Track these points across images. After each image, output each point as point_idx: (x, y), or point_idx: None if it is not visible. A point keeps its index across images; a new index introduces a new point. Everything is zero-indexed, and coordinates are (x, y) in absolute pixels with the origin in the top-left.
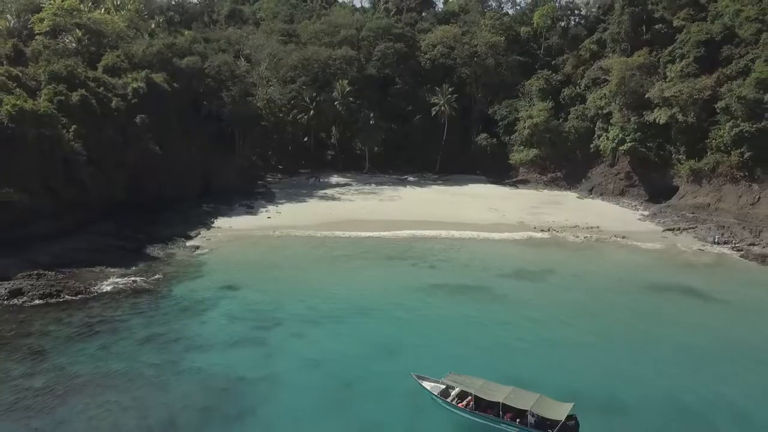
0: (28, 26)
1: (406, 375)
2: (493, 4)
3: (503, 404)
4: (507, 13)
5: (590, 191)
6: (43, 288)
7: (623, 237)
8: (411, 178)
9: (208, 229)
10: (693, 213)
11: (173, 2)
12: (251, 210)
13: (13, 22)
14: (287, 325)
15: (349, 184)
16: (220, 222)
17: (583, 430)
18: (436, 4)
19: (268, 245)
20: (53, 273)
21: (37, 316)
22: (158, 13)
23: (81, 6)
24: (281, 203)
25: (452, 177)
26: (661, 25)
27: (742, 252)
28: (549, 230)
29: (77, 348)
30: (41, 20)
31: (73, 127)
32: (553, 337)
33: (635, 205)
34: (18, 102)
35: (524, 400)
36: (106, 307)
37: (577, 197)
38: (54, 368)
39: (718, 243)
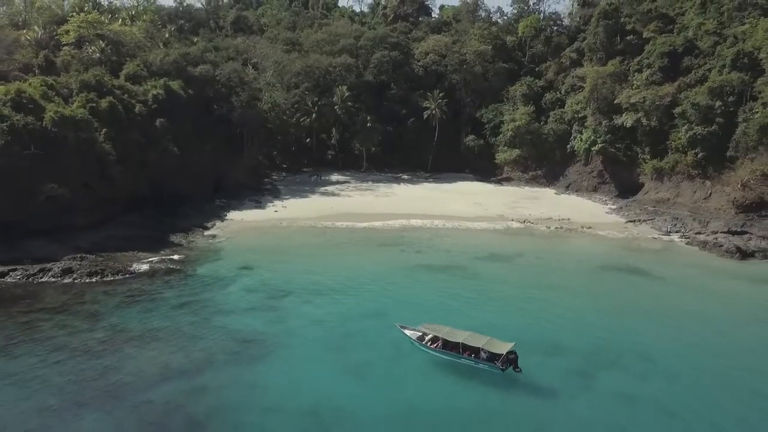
0: (55, 37)
1: (392, 327)
2: (483, 14)
3: (463, 344)
4: (495, 23)
5: (567, 188)
6: (88, 267)
7: (589, 228)
8: (404, 176)
9: (222, 221)
10: (654, 207)
11: (181, 8)
12: (260, 204)
13: (40, 33)
14: (295, 295)
15: (348, 182)
16: (233, 215)
17: (524, 363)
18: (432, 10)
19: (276, 234)
20: (93, 256)
21: (88, 290)
22: (169, 22)
23: (102, 18)
24: (286, 198)
25: (442, 175)
26: (632, 36)
27: (688, 239)
28: (524, 222)
29: (124, 312)
30: (67, 32)
31: (104, 130)
32: (510, 301)
33: (605, 200)
34: (59, 109)
35: (478, 341)
36: (143, 282)
37: (555, 193)
38: (109, 326)
39: (670, 232)
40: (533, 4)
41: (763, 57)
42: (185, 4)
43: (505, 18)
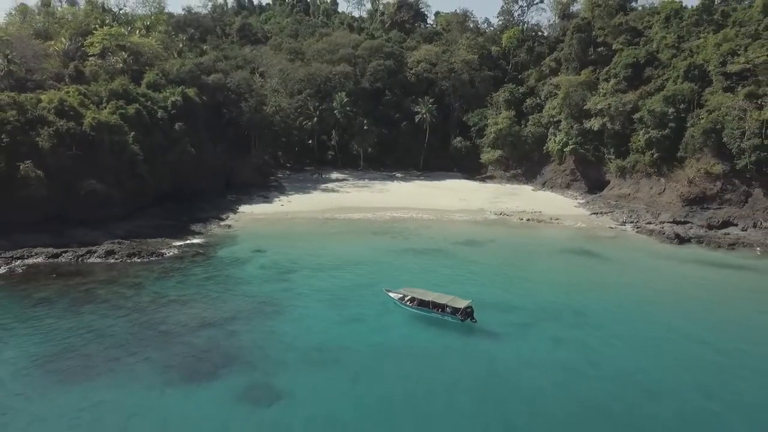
0: (81, 48)
1: (380, 292)
2: (472, 25)
3: (432, 302)
4: (482, 33)
5: (543, 185)
6: (127, 250)
7: (557, 219)
8: (398, 175)
9: (235, 213)
10: (616, 201)
11: (189, 16)
12: (267, 199)
13: (67, 44)
14: (301, 271)
15: (347, 179)
16: (243, 208)
17: (481, 317)
18: (427, 16)
19: (282, 225)
20: (129, 241)
21: (129, 267)
22: (179, 30)
23: (123, 31)
24: (291, 194)
25: (433, 173)
26: (602, 48)
27: (639, 228)
28: (501, 214)
29: (162, 283)
30: (92, 44)
31: (132, 133)
32: (477, 274)
33: (575, 195)
34: (96, 115)
35: (444, 299)
36: (174, 262)
37: (532, 189)
38: (152, 293)
39: (625, 223)
40: (517, 15)
41: (711, 69)
42: (193, 12)
43: (492, 29)
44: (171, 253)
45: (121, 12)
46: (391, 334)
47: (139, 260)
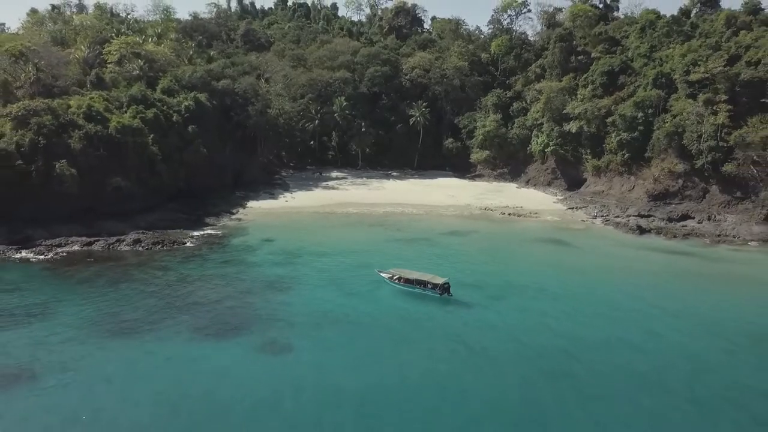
0: (100, 56)
1: (373, 273)
2: (464, 33)
3: (416, 279)
4: (473, 41)
5: (527, 182)
6: (152, 239)
7: (536, 213)
8: (394, 173)
9: (244, 208)
10: (591, 197)
11: (195, 22)
12: (273, 196)
13: (86, 52)
14: (305, 257)
15: (346, 178)
16: (251, 204)
17: (457, 293)
18: (424, 21)
19: (287, 218)
20: (151, 232)
21: (154, 254)
22: (187, 36)
23: (138, 39)
24: (294, 191)
25: (426, 172)
26: (582, 56)
27: (607, 221)
28: (485, 209)
29: (185, 266)
30: (110, 52)
31: (151, 135)
32: (457, 258)
33: (556, 192)
34: (120, 119)
35: (425, 277)
36: (193, 249)
37: (517, 187)
38: (178, 273)
39: (596, 216)
40: (506, 24)
41: (677, 77)
42: (199, 18)
43: (482, 37)
44: (190, 242)
45: (129, 17)
46: (381, 304)
47: (163, 248)
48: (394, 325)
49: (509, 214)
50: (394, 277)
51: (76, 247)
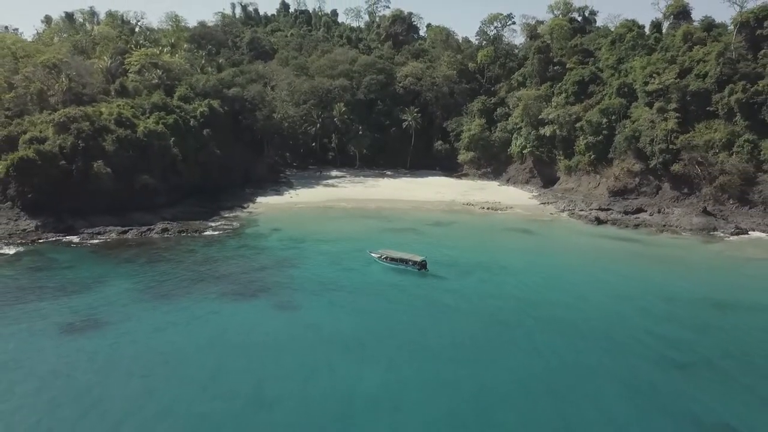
0: (121, 66)
1: (366, 254)
2: (453, 44)
3: (400, 258)
4: (462, 51)
5: (507, 181)
6: (177, 228)
7: (511, 208)
8: (388, 172)
9: (253, 203)
10: (562, 193)
11: (203, 30)
12: (278, 192)
13: (109, 62)
14: (308, 242)
15: (344, 176)
16: (260, 199)
17: (433, 269)
18: (419, 28)
19: (292, 211)
20: (176, 222)
21: (180, 240)
22: (194, 43)
23: (156, 51)
24: (298, 188)
25: (418, 172)
26: (558, 66)
27: (572, 214)
28: (467, 204)
29: (208, 249)
30: (131, 63)
31: (172, 139)
32: (436, 243)
33: (532, 189)
34: (146, 124)
35: (407, 256)
36: (213, 237)
37: (498, 185)
38: (202, 255)
39: (564, 210)
40: (492, 35)
41: (637, 87)
42: (206, 26)
43: (470, 48)
44: (209, 231)
45: (139, 23)
46: (371, 276)
47: (187, 235)
48: (381, 291)
49: (488, 209)
50: (382, 257)
51: (113, 235)
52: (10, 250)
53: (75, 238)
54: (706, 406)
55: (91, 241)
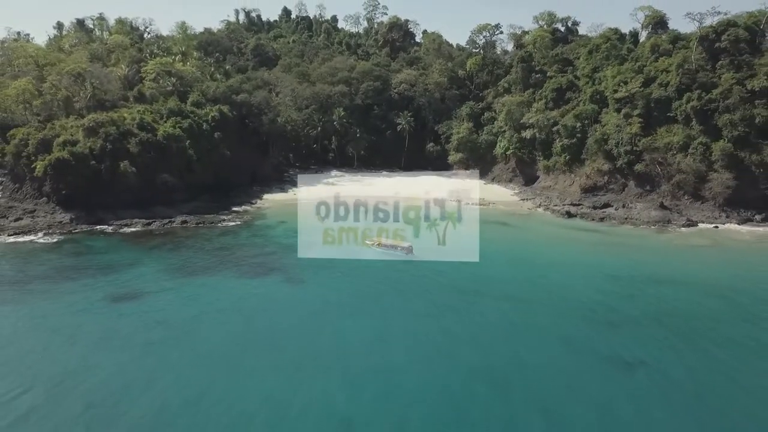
0: (138, 74)
1: (361, 241)
2: (445, 52)
3: (390, 244)
4: (453, 59)
5: (493, 180)
6: (195, 220)
7: (493, 203)
8: (384, 172)
9: (261, 199)
10: (541, 191)
11: (209, 37)
12: (283, 190)
13: (126, 70)
14: (310, 233)
15: (343, 176)
16: (267, 196)
17: (417, 253)
18: (415, 35)
19: (296, 207)
20: (193, 216)
21: (199, 231)
22: (201, 50)
23: (170, 60)
24: (300, 187)
25: (411, 171)
26: (540, 74)
27: (547, 209)
28: (455, 200)
29: (224, 238)
30: (148, 71)
31: (187, 141)
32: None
33: (515, 188)
34: (165, 128)
35: (396, 242)
36: (227, 227)
37: (484, 183)
38: (219, 243)
39: (540, 205)
40: (481, 44)
41: (608, 95)
42: (212, 33)
43: (460, 56)
44: (223, 223)
45: (147, 29)
46: (366, 259)
47: (204, 227)
48: (374, 269)
49: (472, 204)
50: (375, 242)
51: (139, 227)
52: (52, 239)
53: (108, 228)
54: (626, 348)
55: (121, 230)
